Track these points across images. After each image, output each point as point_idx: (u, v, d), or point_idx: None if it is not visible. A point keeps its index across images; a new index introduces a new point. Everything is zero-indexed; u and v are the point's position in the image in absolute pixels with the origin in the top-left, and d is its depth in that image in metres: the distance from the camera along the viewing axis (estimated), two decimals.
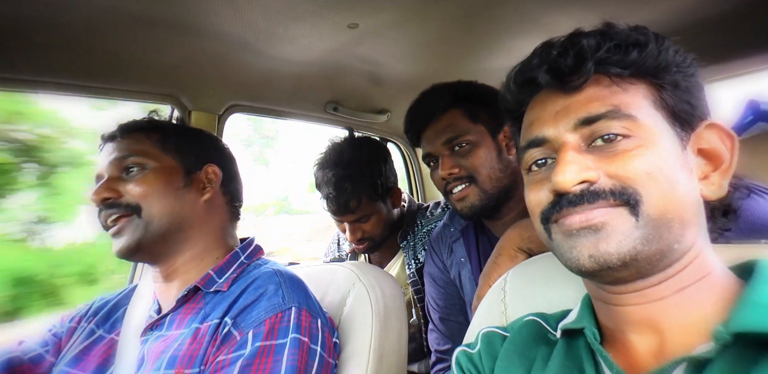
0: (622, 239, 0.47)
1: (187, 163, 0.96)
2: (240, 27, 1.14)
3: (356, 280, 1.04)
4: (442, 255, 1.36)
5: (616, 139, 0.50)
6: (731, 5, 1.21)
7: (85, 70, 1.17)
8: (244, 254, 0.99)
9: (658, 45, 0.53)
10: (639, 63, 0.52)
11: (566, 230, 0.51)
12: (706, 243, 0.53)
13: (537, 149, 0.56)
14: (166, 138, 0.96)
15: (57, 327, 1.02)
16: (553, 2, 1.17)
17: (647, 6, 1.21)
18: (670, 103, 0.53)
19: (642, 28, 0.55)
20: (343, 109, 1.82)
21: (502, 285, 0.80)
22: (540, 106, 0.57)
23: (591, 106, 0.52)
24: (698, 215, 0.52)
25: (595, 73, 0.52)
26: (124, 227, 0.88)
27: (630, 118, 0.50)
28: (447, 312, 1.34)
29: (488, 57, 1.48)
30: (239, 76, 1.42)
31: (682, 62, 0.54)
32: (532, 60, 0.57)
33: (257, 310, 0.82)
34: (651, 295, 0.51)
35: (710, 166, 0.54)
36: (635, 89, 0.53)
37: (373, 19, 1.18)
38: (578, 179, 0.49)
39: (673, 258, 0.50)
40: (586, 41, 0.52)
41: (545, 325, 0.64)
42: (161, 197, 0.90)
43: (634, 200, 0.48)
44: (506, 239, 1.00)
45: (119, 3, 0.97)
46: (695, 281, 0.50)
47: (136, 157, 0.91)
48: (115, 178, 0.90)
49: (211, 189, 0.98)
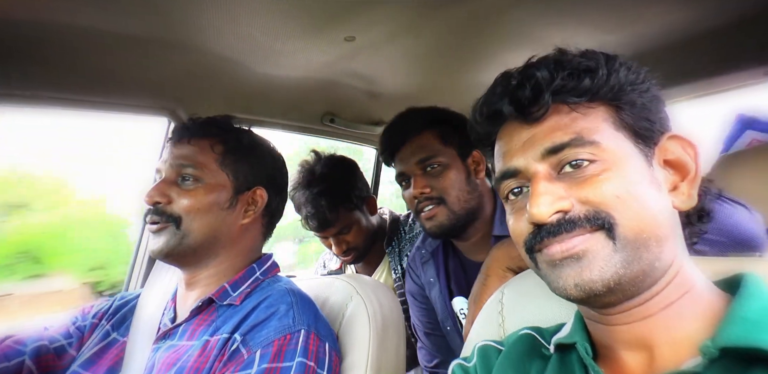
0: (604, 265, 0.48)
1: (238, 183, 0.98)
2: (237, 41, 1.15)
3: (354, 293, 1.04)
4: (420, 275, 1.41)
5: (583, 165, 0.51)
6: (721, 21, 1.23)
7: (82, 85, 1.18)
8: (260, 270, 1.00)
9: (609, 67, 0.54)
10: (592, 89, 0.53)
11: (550, 260, 0.52)
12: (684, 256, 0.54)
13: (511, 179, 0.58)
14: (228, 153, 0.98)
15: (80, 321, 1.04)
16: (546, 16, 1.19)
17: (638, 21, 1.23)
18: (629, 122, 0.54)
19: (591, 53, 0.57)
20: (339, 120, 1.83)
21: (499, 297, 0.80)
22: (507, 137, 0.58)
23: (554, 135, 0.53)
24: (673, 228, 0.53)
25: (554, 102, 0.54)
26: (162, 231, 0.91)
27: (593, 144, 0.52)
28: (431, 326, 1.38)
29: (482, 70, 1.50)
30: (236, 89, 1.43)
31: (635, 80, 0.55)
32: (495, 91, 0.59)
33: (267, 329, 0.83)
34: (638, 314, 0.52)
35: (678, 176, 0.55)
36: (594, 113, 0.54)
37: (369, 33, 1.20)
38: (552, 210, 0.51)
39: (655, 277, 0.51)
40: (539, 73, 0.54)
41: (540, 339, 0.65)
42: (204, 214, 0.92)
43: (608, 224, 0.49)
44: (493, 259, 1.01)
45: (117, 19, 0.99)
46: (679, 296, 0.51)
47: (194, 169, 0.94)
48: (170, 182, 0.93)
49: (253, 213, 1.00)
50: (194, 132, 0.98)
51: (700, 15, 1.21)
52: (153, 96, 1.33)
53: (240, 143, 1.01)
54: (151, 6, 0.96)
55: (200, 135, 0.98)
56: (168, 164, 0.95)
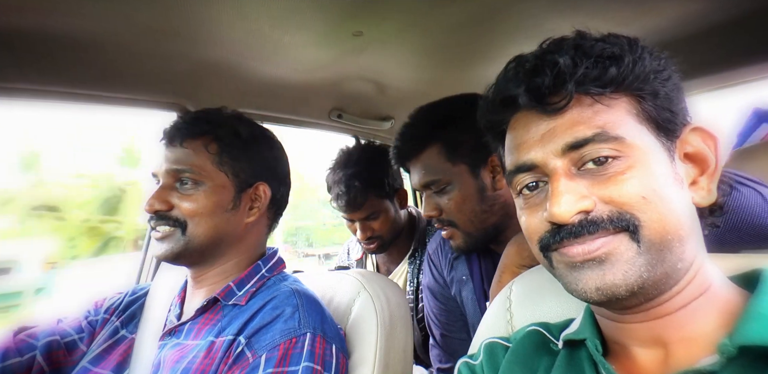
0: (628, 269, 0.47)
1: (239, 181, 0.96)
2: (246, 35, 1.15)
3: (361, 289, 1.03)
4: (443, 270, 1.32)
5: (606, 161, 0.49)
6: (738, 12, 1.20)
7: (91, 80, 1.19)
8: (266, 267, 0.99)
9: (634, 54, 0.51)
10: (618, 78, 0.50)
11: (569, 261, 0.49)
12: (703, 254, 0.52)
13: (526, 174, 0.54)
14: (224, 151, 0.95)
15: (93, 315, 1.04)
16: (556, 8, 1.17)
17: (651, 12, 1.21)
18: (652, 114, 0.51)
19: (614, 37, 0.53)
20: (348, 116, 1.82)
21: (507, 293, 0.79)
22: (523, 127, 0.55)
23: (577, 129, 0.50)
24: (694, 227, 0.51)
25: (576, 93, 0.50)
26: (168, 237, 0.90)
27: (618, 139, 0.49)
28: (448, 328, 1.29)
29: (492, 63, 1.48)
30: (245, 84, 1.43)
31: (658, 67, 0.52)
32: (507, 78, 0.55)
33: (272, 332, 0.82)
34: (656, 313, 0.50)
35: (697, 170, 0.53)
36: (617, 105, 0.51)
37: (377, 28, 1.19)
38: (575, 210, 0.48)
39: (677, 278, 0.49)
40: (562, 60, 0.50)
41: (548, 335, 0.63)
42: (208, 218, 0.91)
43: (633, 226, 0.47)
44: (506, 257, 0.99)
45: (126, 13, 0.99)
46: (698, 295, 0.50)
47: (192, 173, 0.91)
48: (168, 188, 0.91)
49: (257, 210, 0.98)
50: (185, 132, 0.94)
51: (716, 6, 1.18)
52: (162, 91, 1.33)
53: (236, 137, 0.97)
54: (159, 1, 0.95)
55: (192, 135, 0.94)
56: (164, 170, 0.92)
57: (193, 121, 0.97)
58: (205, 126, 0.96)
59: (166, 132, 0.96)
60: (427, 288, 1.37)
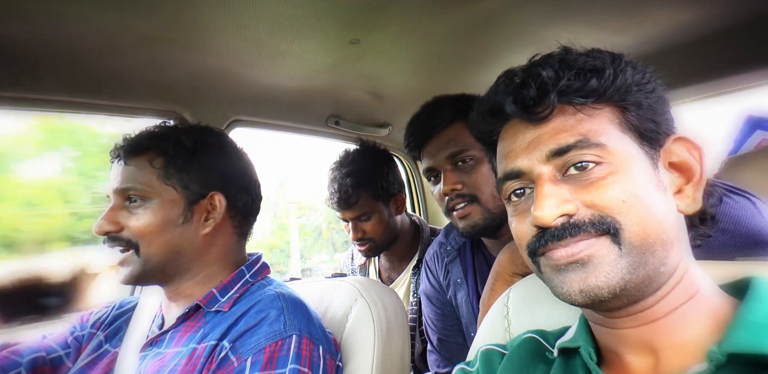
0: (610, 270, 0.48)
1: (189, 193, 0.93)
2: (244, 43, 1.15)
3: (358, 296, 1.03)
4: (438, 274, 1.32)
5: (588, 167, 0.51)
6: (729, 22, 1.22)
7: (89, 88, 1.19)
8: (250, 272, 0.97)
9: (615, 67, 0.53)
10: (599, 89, 0.52)
11: (554, 264, 0.51)
12: (690, 259, 0.53)
13: (514, 181, 0.57)
14: (170, 164, 0.92)
15: (79, 330, 1.02)
16: (552, 18, 1.18)
17: (646, 21, 1.22)
18: (635, 124, 0.53)
19: (597, 52, 0.56)
20: (345, 122, 1.83)
21: (505, 301, 0.79)
22: (511, 137, 0.57)
23: (560, 137, 0.52)
24: (679, 232, 0.52)
25: (559, 102, 0.53)
26: (125, 261, 0.89)
27: (599, 146, 0.51)
28: (445, 333, 1.30)
29: (488, 71, 1.49)
30: (242, 92, 1.43)
31: (641, 80, 0.54)
32: (497, 90, 0.58)
33: (257, 336, 0.81)
34: (644, 318, 0.51)
35: (683, 179, 0.54)
36: (600, 114, 0.53)
37: (374, 35, 1.19)
38: (557, 213, 0.50)
39: (660, 281, 0.50)
40: (545, 72, 0.53)
41: (544, 343, 0.64)
42: (159, 235, 0.89)
43: (614, 229, 0.48)
44: (499, 265, 0.99)
45: (126, 22, 0.99)
46: (686, 300, 0.51)
47: (137, 190, 0.89)
48: (117, 208, 0.89)
49: (213, 221, 0.94)
50: (129, 150, 0.92)
51: (708, 16, 1.20)
52: (159, 99, 1.33)
53: (181, 148, 0.93)
54: (158, 9, 0.96)
55: (136, 152, 0.92)
56: (112, 189, 0.90)
57: (137, 138, 0.95)
58: (148, 141, 0.93)
59: (112, 151, 0.94)
60: (424, 294, 1.38)
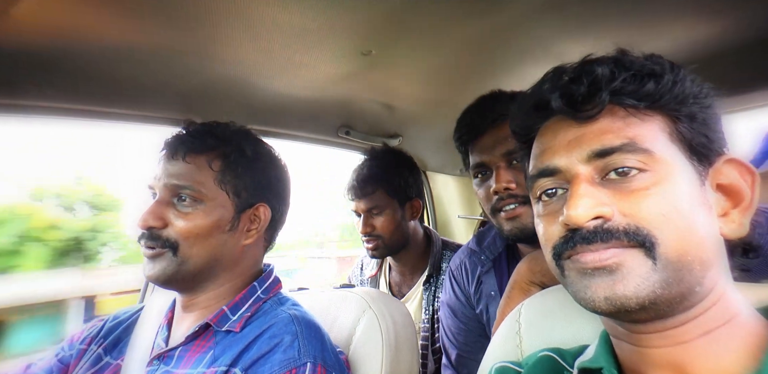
0: (641, 282, 0.45)
1: (240, 201, 0.91)
2: (257, 54, 1.17)
3: (366, 308, 1.02)
4: (467, 286, 1.25)
5: (631, 173, 0.48)
6: (748, 36, 1.21)
7: (106, 96, 1.20)
8: (261, 288, 0.94)
9: (674, 75, 0.51)
10: (655, 95, 0.50)
11: (580, 268, 0.49)
12: (729, 283, 0.51)
13: (548, 179, 0.54)
14: (228, 169, 0.90)
15: (65, 351, 0.98)
16: (565, 30, 1.18)
17: (660, 37, 1.22)
18: (687, 136, 0.50)
19: (657, 57, 0.53)
20: (355, 133, 1.83)
21: (516, 317, 0.78)
22: (551, 133, 0.55)
23: (605, 137, 0.50)
24: (719, 254, 0.50)
25: (609, 103, 0.51)
26: (158, 257, 0.85)
27: (646, 152, 0.48)
28: (466, 349, 1.22)
29: (499, 84, 1.48)
30: (255, 101, 1.44)
31: (699, 93, 0.52)
32: (543, 85, 0.56)
33: (270, 363, 0.77)
34: (675, 337, 0.48)
35: (730, 203, 0.52)
36: (651, 121, 0.51)
37: (387, 47, 1.20)
38: (592, 214, 0.47)
39: (694, 301, 0.48)
40: (600, 69, 0.51)
41: (561, 361, 0.62)
42: (203, 239, 0.86)
43: (649, 243, 0.46)
44: (518, 273, 0.96)
45: (142, 32, 1.01)
46: (723, 324, 0.48)
47: (192, 190, 0.86)
48: (165, 203, 0.86)
49: (255, 232, 0.94)
50: (190, 146, 0.89)
51: (726, 30, 1.18)
52: (172, 107, 1.35)
53: (242, 155, 0.92)
54: (175, 20, 0.97)
55: (197, 150, 0.89)
56: (162, 183, 0.87)
57: (199, 135, 0.92)
58: (211, 141, 0.91)
59: (168, 143, 0.92)
60: (447, 305, 1.31)
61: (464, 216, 2.36)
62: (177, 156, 0.89)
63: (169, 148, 0.91)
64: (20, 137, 8.25)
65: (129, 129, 1.35)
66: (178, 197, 0.87)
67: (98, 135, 7.35)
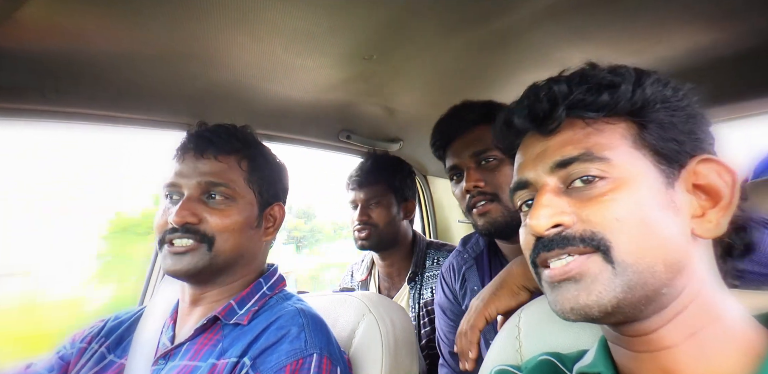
0: (602, 290, 0.47)
1: (263, 200, 0.97)
2: (259, 58, 1.17)
3: (366, 311, 1.02)
4: (454, 284, 1.32)
5: (593, 181, 0.50)
6: (749, 44, 1.21)
7: (110, 101, 1.21)
8: (267, 284, 0.97)
9: (635, 83, 0.53)
10: (611, 105, 0.52)
11: (549, 281, 0.51)
12: (713, 284, 0.51)
13: (523, 191, 0.58)
14: (254, 170, 0.96)
15: (66, 349, 0.99)
16: (565, 37, 1.19)
17: (661, 44, 1.22)
18: (651, 141, 0.52)
19: (620, 68, 0.55)
20: (356, 137, 1.84)
21: (516, 321, 0.78)
22: (524, 149, 0.59)
23: (565, 149, 0.53)
24: (690, 256, 0.49)
25: (568, 117, 0.54)
26: (191, 251, 0.87)
27: (603, 160, 0.50)
28: None
29: (500, 89, 1.50)
30: (256, 105, 1.45)
31: (668, 97, 0.53)
32: (520, 103, 0.59)
33: (278, 353, 0.79)
34: (660, 342, 0.49)
35: (709, 203, 0.52)
36: (612, 129, 0.53)
37: (388, 52, 1.21)
38: (550, 223, 0.50)
39: (663, 302, 0.48)
40: (556, 87, 0.54)
41: (560, 366, 0.62)
42: (237, 235, 0.90)
43: (604, 246, 0.48)
44: (509, 274, 0.96)
45: (146, 37, 1.01)
46: (704, 326, 0.48)
47: (226, 187, 0.90)
48: (196, 200, 0.89)
49: (272, 229, 1.00)
50: (219, 147, 0.93)
51: (726, 38, 1.19)
52: (175, 111, 1.35)
53: (264, 158, 1.00)
54: (179, 25, 0.98)
55: (226, 150, 0.94)
56: (194, 181, 0.89)
57: (225, 136, 0.95)
58: (238, 143, 0.96)
59: (194, 143, 0.94)
60: (438, 305, 1.37)
61: (464, 220, 2.36)
62: (207, 155, 0.92)
63: (196, 147, 0.93)
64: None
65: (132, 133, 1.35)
66: (209, 194, 0.90)
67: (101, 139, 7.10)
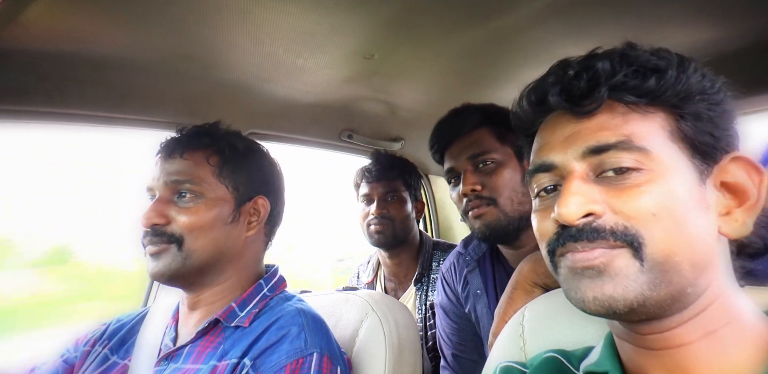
0: (629, 284, 0.45)
1: (239, 194, 0.94)
2: (261, 59, 1.17)
3: (369, 310, 1.02)
4: (456, 286, 1.30)
5: (626, 172, 0.47)
6: (750, 41, 1.21)
7: (111, 102, 1.21)
8: (268, 286, 0.97)
9: (680, 71, 0.49)
10: (656, 91, 0.49)
11: (571, 267, 0.48)
12: (730, 284, 0.50)
13: (545, 174, 0.54)
14: (224, 164, 0.94)
15: (70, 353, 0.99)
16: (568, 34, 1.18)
17: (664, 41, 1.19)
18: (689, 135, 0.49)
19: (664, 52, 0.52)
20: (358, 136, 1.84)
21: (520, 319, 0.78)
22: (550, 129, 0.54)
23: (601, 134, 0.49)
24: (715, 255, 0.48)
25: (609, 98, 0.50)
26: (163, 253, 0.87)
27: (642, 151, 0.47)
28: (460, 348, 1.27)
29: (503, 87, 1.50)
30: (258, 106, 1.45)
31: (709, 89, 0.50)
32: (547, 79, 0.55)
33: (278, 353, 0.79)
34: (674, 340, 0.48)
35: (735, 202, 0.50)
36: (651, 118, 0.49)
37: (389, 51, 1.21)
38: (582, 212, 0.47)
39: (686, 302, 0.47)
40: (601, 65, 0.50)
41: (566, 363, 0.61)
42: (207, 232, 0.88)
43: (636, 243, 0.45)
44: (520, 274, 0.97)
45: (148, 39, 1.02)
46: (723, 325, 0.47)
47: (192, 184, 0.89)
48: (166, 201, 0.89)
49: (256, 224, 0.97)
50: (186, 145, 0.92)
51: (729, 35, 1.19)
52: (178, 112, 1.35)
53: (235, 151, 0.96)
54: (180, 27, 0.99)
55: (193, 147, 0.93)
56: (162, 182, 0.89)
57: (194, 135, 0.96)
58: (206, 139, 0.95)
59: (165, 146, 0.95)
60: (440, 306, 1.35)
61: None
62: (174, 155, 0.92)
63: (165, 149, 0.94)
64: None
65: (133, 134, 1.36)
66: (179, 194, 0.89)
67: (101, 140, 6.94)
